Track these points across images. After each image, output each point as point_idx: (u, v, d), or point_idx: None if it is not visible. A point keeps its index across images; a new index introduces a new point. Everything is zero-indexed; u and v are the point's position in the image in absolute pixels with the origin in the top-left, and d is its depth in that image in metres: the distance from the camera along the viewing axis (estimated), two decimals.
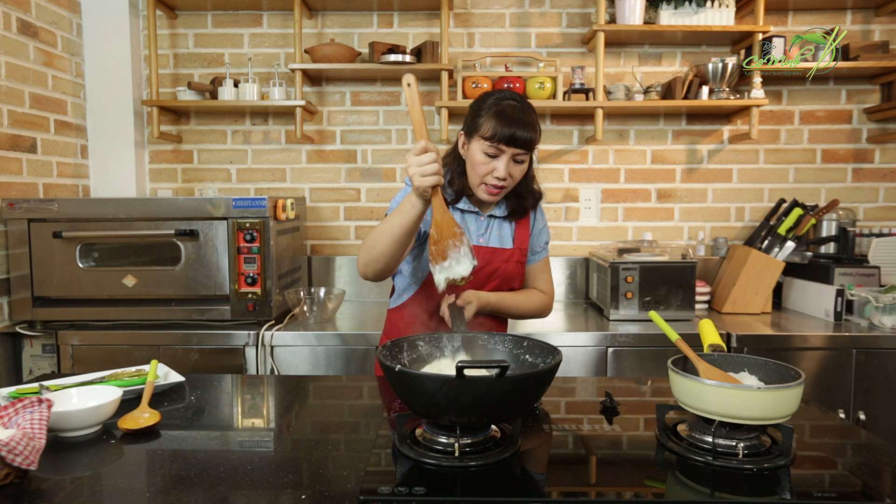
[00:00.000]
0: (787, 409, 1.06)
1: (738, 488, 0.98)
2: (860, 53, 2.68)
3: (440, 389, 1.00)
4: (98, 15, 2.78)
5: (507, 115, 1.49)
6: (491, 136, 1.49)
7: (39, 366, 2.36)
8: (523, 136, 1.48)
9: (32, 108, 2.48)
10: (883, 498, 0.95)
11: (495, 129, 1.48)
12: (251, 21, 2.93)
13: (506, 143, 1.48)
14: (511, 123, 1.48)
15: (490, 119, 1.50)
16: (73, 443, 1.16)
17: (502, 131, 1.48)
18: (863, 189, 2.94)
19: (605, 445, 1.17)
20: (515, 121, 1.48)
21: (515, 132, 1.48)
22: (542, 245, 1.76)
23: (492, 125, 1.49)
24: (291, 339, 2.28)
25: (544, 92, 2.71)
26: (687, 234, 2.99)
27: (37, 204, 2.29)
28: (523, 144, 1.50)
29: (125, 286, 2.33)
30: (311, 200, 3.00)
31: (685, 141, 2.95)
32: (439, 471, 1.02)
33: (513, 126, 1.48)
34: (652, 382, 1.60)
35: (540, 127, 1.56)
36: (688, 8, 2.66)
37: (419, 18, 2.91)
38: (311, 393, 1.55)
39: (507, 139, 1.48)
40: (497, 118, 1.49)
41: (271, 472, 1.05)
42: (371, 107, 2.96)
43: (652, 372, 2.26)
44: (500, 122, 1.48)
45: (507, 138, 1.48)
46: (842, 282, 2.47)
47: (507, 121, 1.48)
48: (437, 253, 1.34)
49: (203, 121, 2.98)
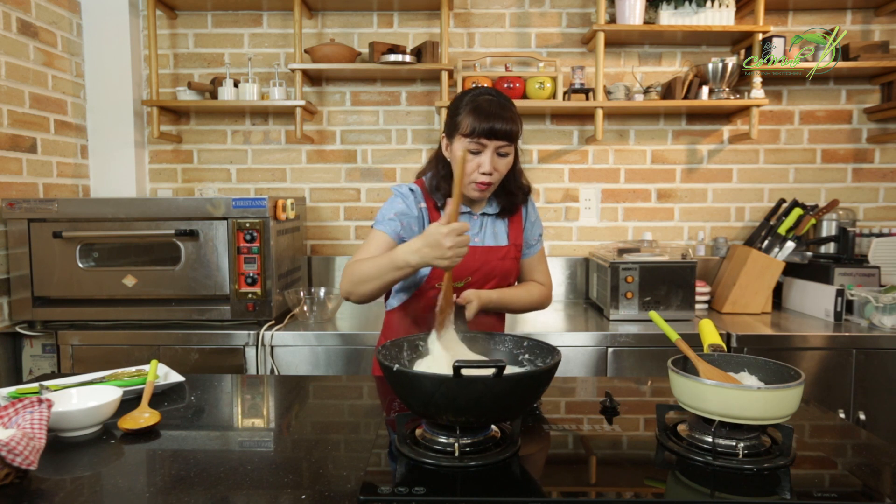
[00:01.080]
0: (787, 409, 1.06)
1: (738, 488, 0.98)
2: (860, 53, 2.68)
3: (438, 389, 1.00)
4: (98, 15, 2.78)
5: (483, 109, 1.49)
6: (470, 133, 1.49)
7: (39, 366, 2.36)
8: (503, 129, 1.48)
9: (32, 108, 2.48)
10: (883, 498, 0.95)
11: (473, 124, 1.48)
12: (251, 21, 2.93)
13: (486, 136, 1.48)
14: (489, 117, 1.48)
15: (468, 116, 1.50)
16: (73, 443, 1.16)
17: (481, 126, 1.48)
18: (863, 189, 2.94)
19: (605, 445, 1.17)
20: (493, 114, 1.48)
21: (494, 125, 1.48)
22: (535, 238, 1.76)
23: (470, 121, 1.49)
24: (291, 339, 2.28)
25: (544, 92, 2.71)
26: (687, 234, 2.99)
27: (37, 204, 2.29)
28: (504, 136, 1.49)
29: (125, 286, 2.33)
30: (311, 200, 3.00)
31: (685, 141, 2.95)
32: (439, 471, 1.02)
33: (491, 119, 1.48)
34: (652, 382, 1.60)
35: (520, 119, 1.55)
36: (688, 8, 2.66)
37: (419, 18, 2.91)
38: (311, 393, 1.55)
39: (487, 133, 1.48)
40: (474, 114, 1.49)
41: (271, 472, 1.05)
42: (371, 107, 2.96)
43: (652, 372, 2.26)
44: (478, 117, 1.48)
45: (487, 132, 1.48)
46: (842, 282, 2.47)
47: (484, 115, 1.48)
48: (441, 324, 1.30)
49: (203, 121, 2.98)
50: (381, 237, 1.56)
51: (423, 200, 1.63)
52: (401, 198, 1.61)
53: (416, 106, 2.95)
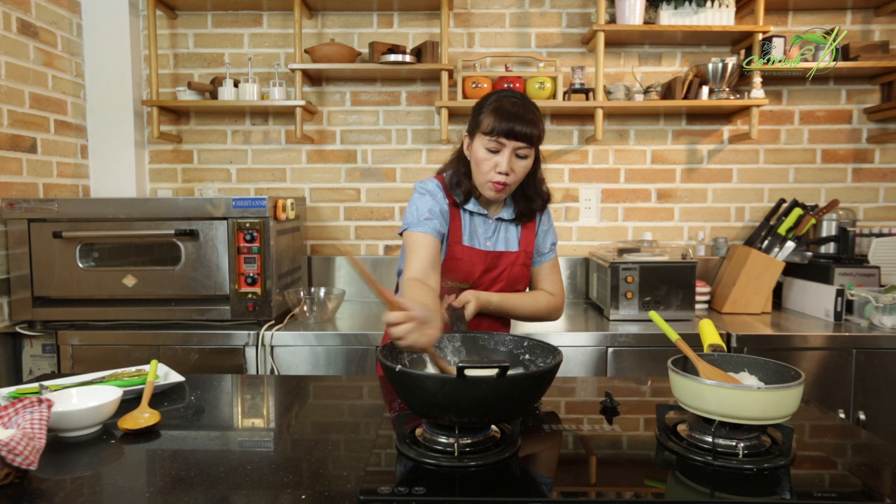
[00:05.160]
0: (787, 409, 1.06)
1: (738, 488, 0.98)
2: (860, 53, 2.68)
3: (441, 390, 1.00)
4: (98, 15, 2.78)
5: (505, 110, 1.50)
6: (490, 131, 1.50)
7: (39, 366, 2.36)
8: (522, 130, 1.49)
9: (32, 108, 2.48)
10: (883, 498, 0.95)
11: (494, 123, 1.50)
12: (251, 21, 2.93)
13: (505, 136, 1.49)
14: (510, 118, 1.49)
15: (489, 115, 1.51)
16: (73, 443, 1.16)
17: (501, 125, 1.49)
18: (863, 189, 2.94)
19: (605, 445, 1.17)
20: (514, 115, 1.50)
21: (514, 126, 1.49)
22: (548, 247, 1.75)
23: (491, 120, 1.50)
24: (291, 339, 2.28)
25: (544, 92, 2.71)
26: (687, 234, 2.99)
27: (37, 204, 2.29)
28: (523, 138, 1.50)
29: (125, 286, 2.33)
30: (311, 200, 3.00)
31: (685, 141, 2.95)
32: (439, 471, 1.02)
33: (511, 120, 1.49)
34: (652, 382, 1.60)
35: (543, 124, 1.57)
36: (688, 8, 2.65)
37: (419, 18, 2.91)
38: (311, 393, 1.55)
39: (507, 132, 1.49)
40: (496, 113, 1.50)
41: (271, 472, 1.05)
42: (371, 107, 2.96)
43: (652, 372, 2.26)
44: (499, 117, 1.50)
45: (506, 132, 1.49)
46: (842, 282, 2.47)
47: (505, 115, 1.49)
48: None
49: (203, 121, 2.98)
50: (424, 239, 1.53)
51: (446, 197, 1.63)
52: (429, 195, 1.60)
53: (416, 106, 2.95)
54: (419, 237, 1.53)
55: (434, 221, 1.55)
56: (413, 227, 1.55)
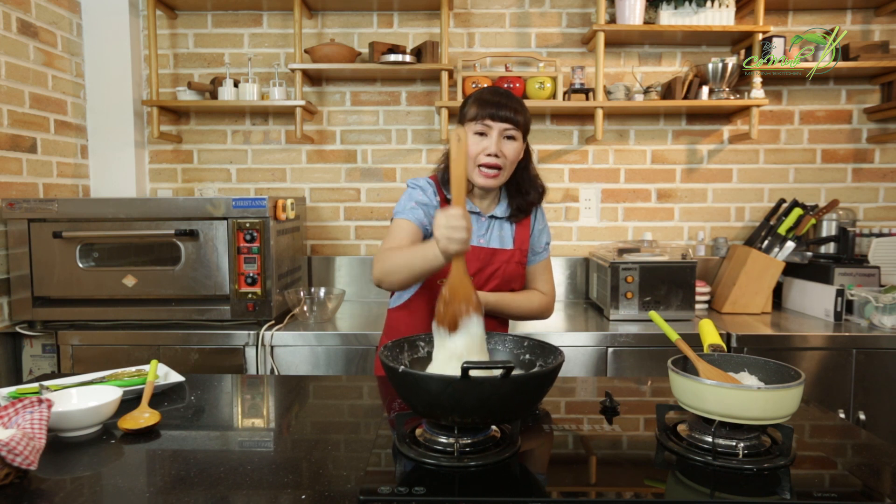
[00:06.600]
0: (787, 409, 1.06)
1: (738, 488, 0.98)
2: (860, 53, 2.68)
3: (444, 390, 1.00)
4: (98, 15, 2.78)
5: (487, 97, 1.58)
6: (475, 116, 1.57)
7: (39, 366, 2.36)
8: (506, 113, 1.56)
9: (32, 108, 2.48)
10: (883, 498, 0.95)
11: (478, 109, 1.57)
12: (251, 21, 2.93)
13: (490, 118, 1.56)
14: (492, 103, 1.56)
15: (473, 104, 1.59)
16: (73, 443, 1.16)
17: (484, 109, 1.56)
18: (863, 189, 2.94)
19: (605, 445, 1.17)
20: (496, 101, 1.57)
21: (498, 109, 1.56)
22: (542, 246, 1.76)
23: (475, 107, 1.58)
24: (291, 339, 2.28)
25: (544, 92, 2.71)
26: (687, 234, 2.99)
27: (37, 204, 2.29)
28: (508, 119, 1.56)
29: (125, 286, 2.33)
30: (311, 200, 3.00)
31: (685, 141, 2.95)
32: (439, 471, 1.02)
33: (494, 105, 1.56)
34: (652, 382, 1.60)
35: (528, 114, 1.63)
36: (688, 8, 2.65)
37: (419, 18, 2.91)
38: (311, 393, 1.55)
39: (491, 114, 1.56)
40: (478, 101, 1.58)
41: (271, 472, 1.05)
42: (371, 107, 2.96)
43: (652, 372, 2.26)
44: (482, 103, 1.57)
45: (491, 114, 1.56)
46: (842, 282, 2.47)
47: (487, 101, 1.57)
48: (446, 316, 1.19)
49: (203, 121, 2.98)
50: (405, 224, 1.59)
51: (437, 194, 1.66)
52: (419, 190, 1.66)
53: (416, 106, 2.95)
54: (402, 223, 1.60)
55: (418, 211, 1.61)
56: (398, 214, 1.62)
